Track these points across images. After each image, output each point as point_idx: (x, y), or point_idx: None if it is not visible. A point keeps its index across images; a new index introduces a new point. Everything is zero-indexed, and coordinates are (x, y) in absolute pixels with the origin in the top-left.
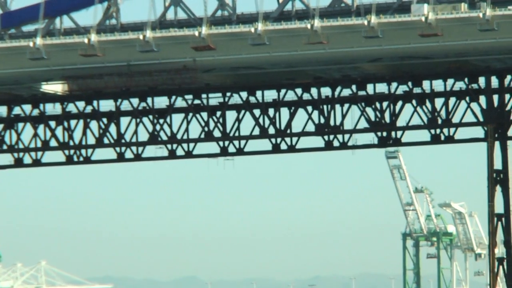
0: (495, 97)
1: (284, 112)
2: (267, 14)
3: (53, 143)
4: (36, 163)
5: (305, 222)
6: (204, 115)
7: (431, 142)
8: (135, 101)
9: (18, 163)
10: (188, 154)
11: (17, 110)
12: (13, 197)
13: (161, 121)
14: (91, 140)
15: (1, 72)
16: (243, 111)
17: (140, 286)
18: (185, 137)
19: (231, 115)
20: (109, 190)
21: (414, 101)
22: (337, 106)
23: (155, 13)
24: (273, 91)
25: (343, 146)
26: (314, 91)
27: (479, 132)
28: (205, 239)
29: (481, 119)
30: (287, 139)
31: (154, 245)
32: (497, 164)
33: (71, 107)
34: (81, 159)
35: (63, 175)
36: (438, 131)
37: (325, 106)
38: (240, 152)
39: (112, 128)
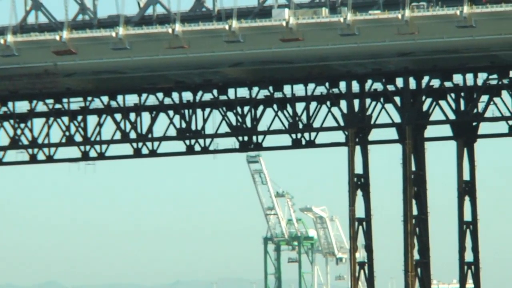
0: (356, 102)
1: (145, 116)
2: (128, 19)
3: None
4: None
5: (166, 226)
6: (65, 119)
7: (292, 147)
8: None
9: None
10: (49, 159)
11: None
12: None
13: (22, 125)
14: None
15: None
16: (104, 116)
17: None
18: (46, 141)
19: (92, 120)
20: None
21: (275, 106)
22: (198, 111)
23: (16, 17)
24: (134, 96)
25: (205, 150)
26: (175, 95)
27: (340, 136)
28: (66, 243)
29: (342, 123)
30: (149, 144)
31: (14, 250)
32: (358, 169)
33: None
34: None
35: None
36: (299, 135)
37: (186, 111)
38: (101, 156)
39: None
